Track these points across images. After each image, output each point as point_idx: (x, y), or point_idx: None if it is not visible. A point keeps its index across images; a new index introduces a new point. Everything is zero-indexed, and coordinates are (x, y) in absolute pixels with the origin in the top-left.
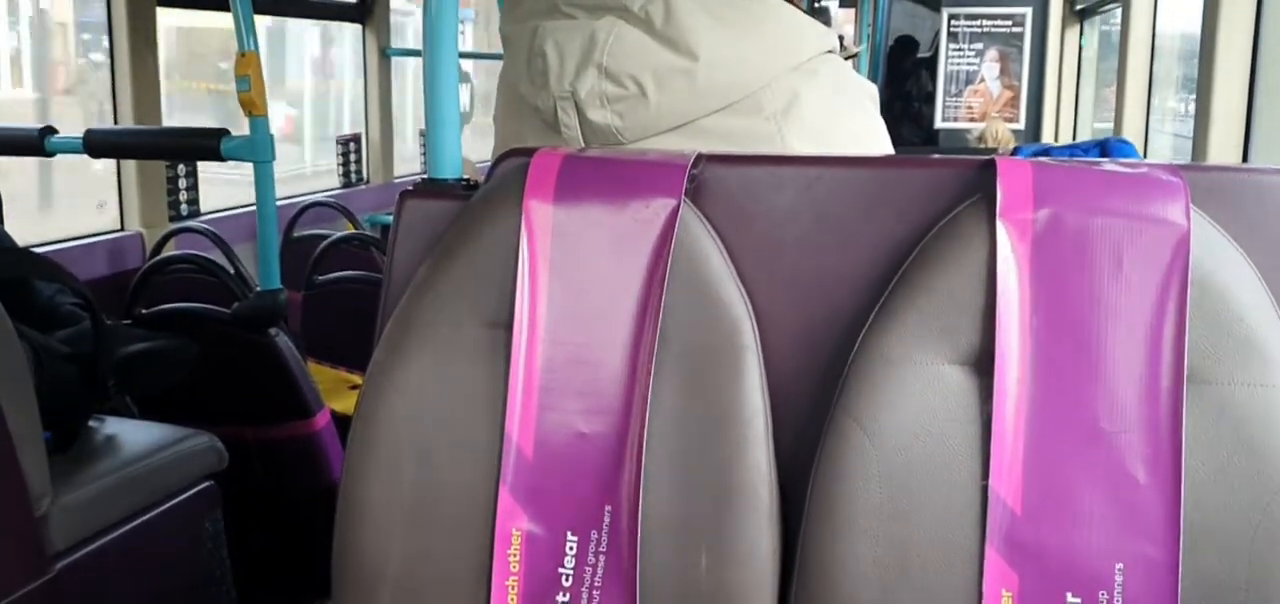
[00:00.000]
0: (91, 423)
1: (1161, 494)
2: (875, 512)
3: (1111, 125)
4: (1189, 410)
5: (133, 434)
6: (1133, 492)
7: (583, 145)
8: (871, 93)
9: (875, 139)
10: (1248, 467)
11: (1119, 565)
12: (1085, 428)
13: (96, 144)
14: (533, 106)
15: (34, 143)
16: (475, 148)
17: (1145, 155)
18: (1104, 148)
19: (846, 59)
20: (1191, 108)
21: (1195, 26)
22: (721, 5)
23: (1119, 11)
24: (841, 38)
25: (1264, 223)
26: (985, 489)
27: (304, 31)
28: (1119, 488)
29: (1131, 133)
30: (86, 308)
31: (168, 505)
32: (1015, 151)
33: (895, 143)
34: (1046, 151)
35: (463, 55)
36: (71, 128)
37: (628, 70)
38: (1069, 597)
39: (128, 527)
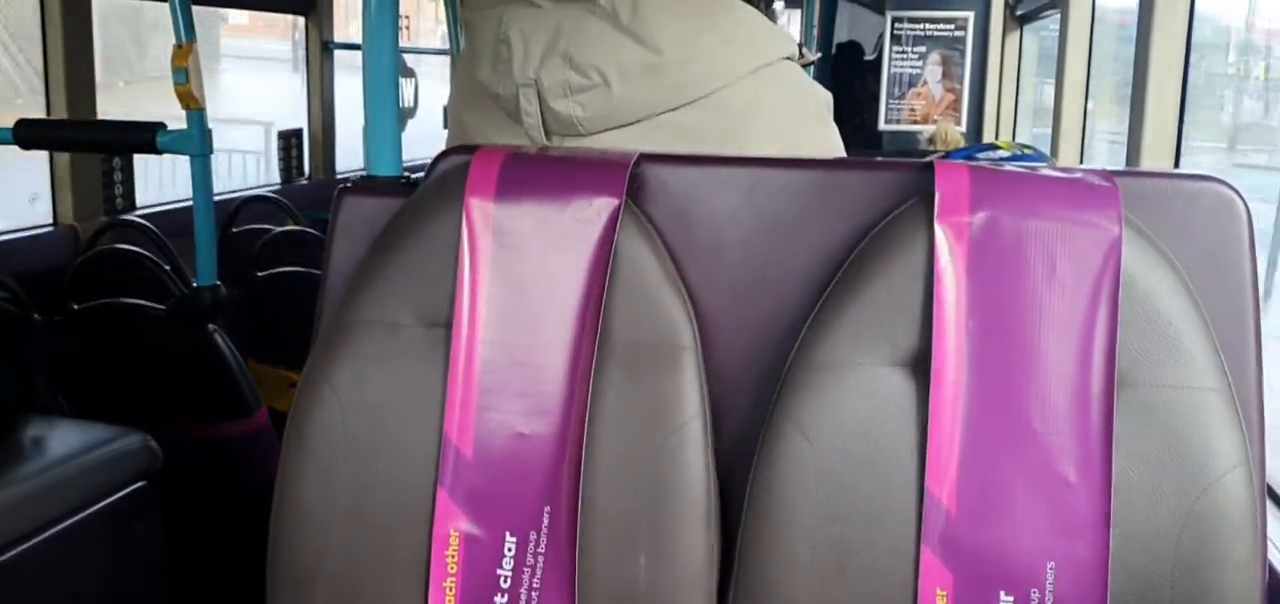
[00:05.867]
0: (20, 422)
1: (1092, 494)
2: (813, 512)
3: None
4: (1119, 412)
5: (63, 434)
6: (1064, 492)
7: (543, 134)
8: (827, 100)
9: (830, 146)
10: (1174, 468)
11: (1051, 564)
12: (1019, 429)
13: (27, 136)
14: (493, 95)
15: None
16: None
17: (1082, 160)
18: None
19: (804, 67)
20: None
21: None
22: (686, 2)
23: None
24: (801, 47)
25: (1191, 228)
26: (922, 489)
27: None
28: (1051, 488)
29: (1068, 135)
30: (15, 303)
31: (99, 507)
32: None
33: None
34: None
35: (404, 50)
36: None
37: (593, 61)
38: (1002, 595)
39: (56, 529)
